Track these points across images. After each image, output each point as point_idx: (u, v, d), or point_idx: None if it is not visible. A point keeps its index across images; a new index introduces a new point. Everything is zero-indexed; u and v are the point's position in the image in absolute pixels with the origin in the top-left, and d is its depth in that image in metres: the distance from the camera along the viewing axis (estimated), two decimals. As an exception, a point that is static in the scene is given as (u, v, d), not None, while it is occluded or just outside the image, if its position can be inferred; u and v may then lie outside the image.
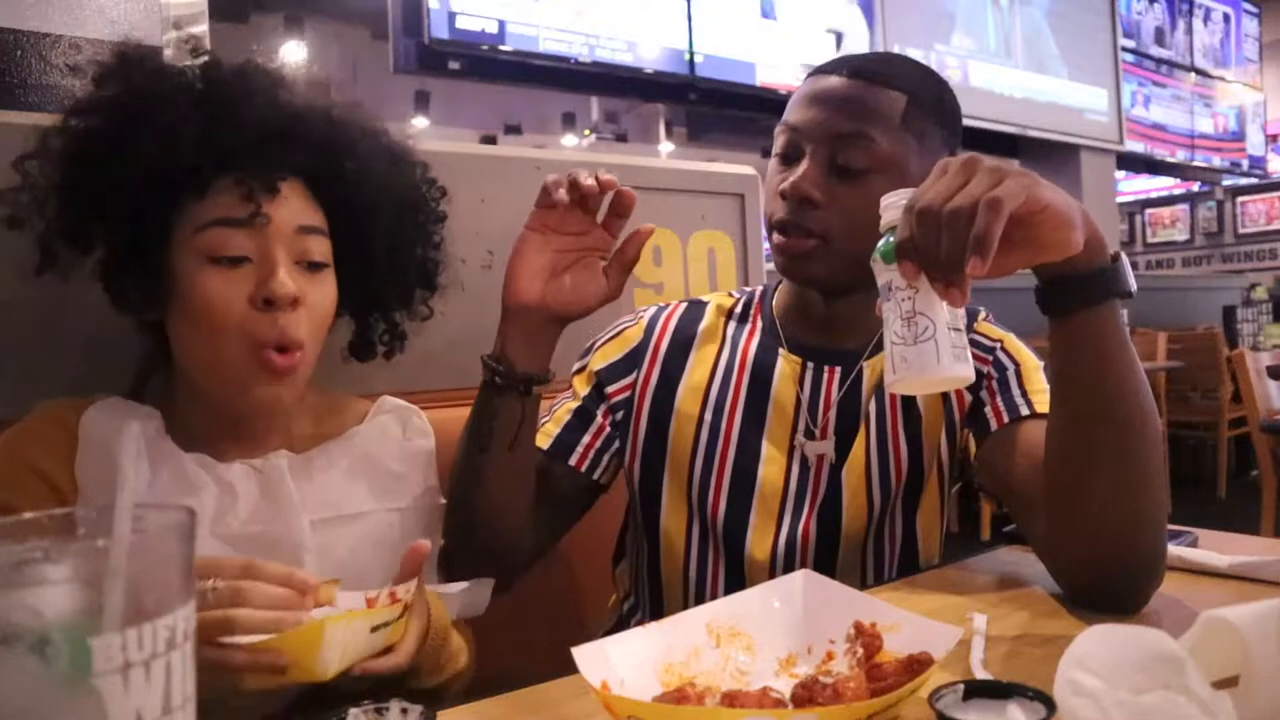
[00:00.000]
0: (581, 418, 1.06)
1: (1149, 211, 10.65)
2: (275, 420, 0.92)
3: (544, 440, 1.04)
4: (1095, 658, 0.51)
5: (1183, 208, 10.43)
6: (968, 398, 1.00)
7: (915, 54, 5.25)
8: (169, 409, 0.88)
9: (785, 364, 1.05)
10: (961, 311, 0.72)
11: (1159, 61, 7.04)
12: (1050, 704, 0.52)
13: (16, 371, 1.00)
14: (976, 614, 0.77)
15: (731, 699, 0.58)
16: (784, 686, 0.62)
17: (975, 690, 0.55)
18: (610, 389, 1.07)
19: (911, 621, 0.66)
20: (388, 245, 0.95)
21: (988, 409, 0.97)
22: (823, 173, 0.96)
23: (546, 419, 1.07)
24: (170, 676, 0.39)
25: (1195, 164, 7.54)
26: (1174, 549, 0.91)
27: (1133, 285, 0.77)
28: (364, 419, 0.99)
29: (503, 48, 3.73)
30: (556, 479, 1.03)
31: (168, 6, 1.18)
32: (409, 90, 7.65)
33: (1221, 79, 7.72)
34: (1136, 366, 0.78)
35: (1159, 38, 7.05)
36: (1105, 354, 0.77)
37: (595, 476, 1.06)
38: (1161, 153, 7.09)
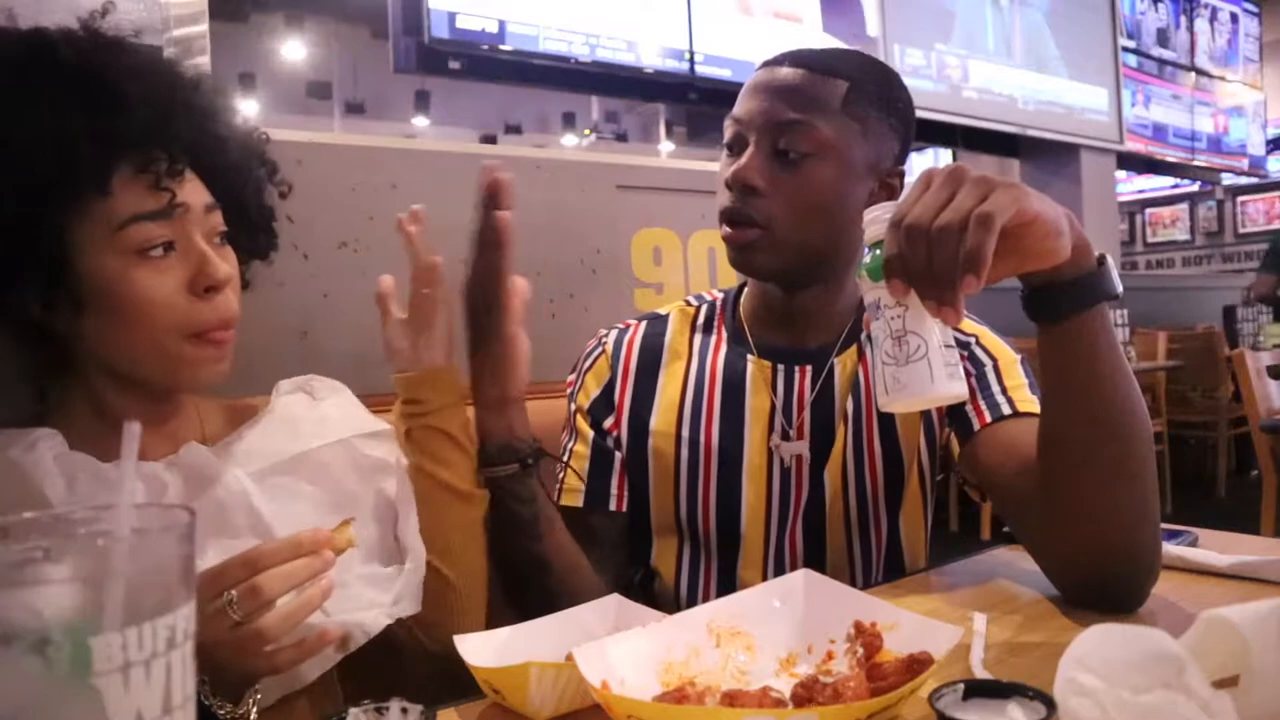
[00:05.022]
0: (600, 459, 1.05)
1: (1149, 211, 10.64)
2: (191, 410, 0.90)
3: (575, 497, 1.04)
4: (1095, 657, 0.51)
5: (1183, 207, 10.42)
6: None
7: (915, 54, 5.25)
8: (72, 420, 0.82)
9: (755, 369, 1.04)
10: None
11: (1161, 62, 7.04)
12: (1050, 704, 0.52)
13: None
14: (976, 614, 0.77)
15: (731, 699, 0.58)
16: (784, 686, 0.62)
17: (975, 690, 0.55)
18: (606, 424, 1.06)
19: (911, 621, 0.66)
20: (256, 197, 0.93)
21: (968, 408, 0.96)
22: (765, 160, 0.96)
23: (562, 473, 1.06)
24: (170, 676, 0.39)
25: (1195, 164, 7.54)
26: (1174, 549, 0.91)
27: (1119, 288, 0.76)
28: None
29: (503, 47, 3.72)
30: (601, 529, 1.02)
31: (168, 6, 1.18)
32: (409, 90, 7.65)
33: (1222, 79, 7.72)
34: (1126, 367, 0.78)
35: (1161, 38, 7.05)
36: (1096, 357, 0.76)
37: (629, 510, 1.06)
38: (1161, 152, 7.09)
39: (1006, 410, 0.93)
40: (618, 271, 1.52)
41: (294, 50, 7.71)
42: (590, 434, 1.06)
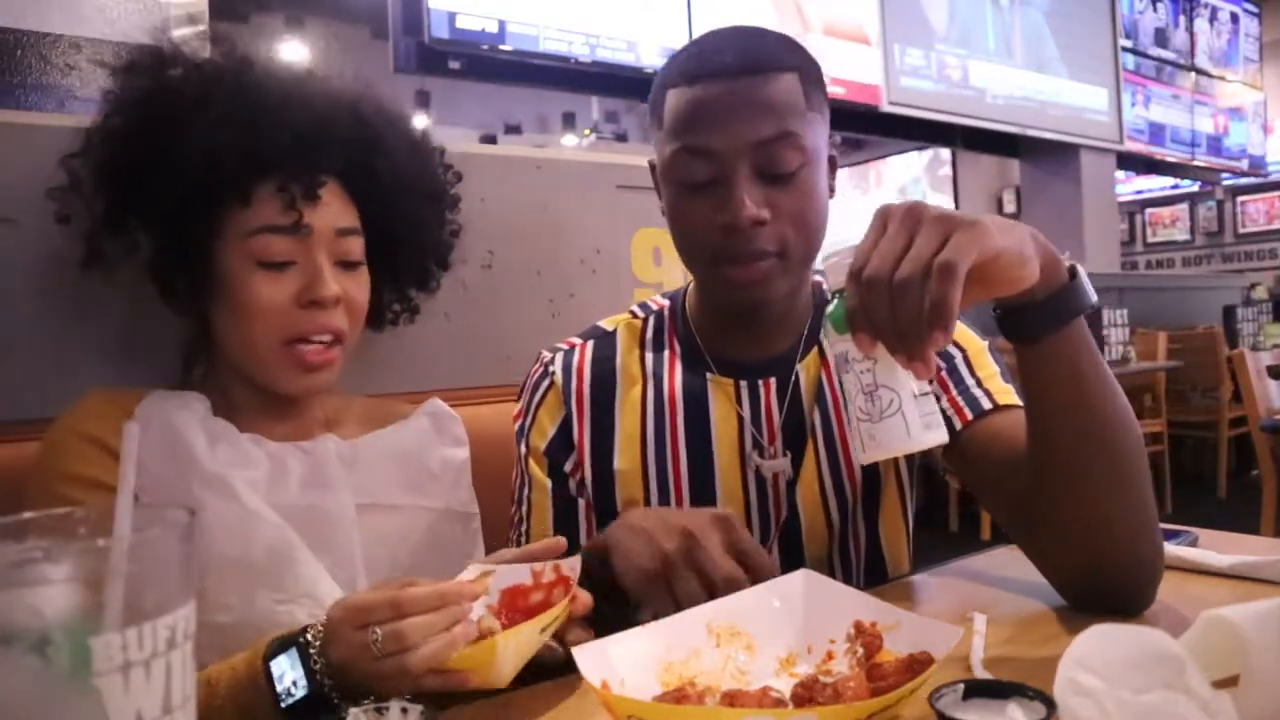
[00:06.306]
0: (563, 507, 0.99)
1: (1149, 211, 10.65)
2: (315, 404, 0.98)
3: None
4: (1095, 658, 0.51)
5: (1183, 207, 10.42)
6: None
7: (915, 54, 5.26)
8: (215, 392, 0.93)
9: (717, 387, 0.98)
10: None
11: (1160, 63, 7.04)
12: (1050, 704, 0.52)
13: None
14: (976, 614, 0.77)
15: (731, 699, 0.58)
16: (784, 686, 0.62)
17: (975, 690, 0.55)
18: (566, 468, 1.00)
19: (911, 621, 0.66)
20: (413, 230, 1.01)
21: (944, 402, 0.92)
22: (758, 187, 0.88)
23: (523, 523, 0.99)
24: (170, 676, 0.39)
25: (1195, 164, 7.54)
26: (1174, 549, 0.91)
27: (1093, 298, 0.74)
28: (410, 416, 1.04)
29: (503, 47, 3.73)
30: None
31: (168, 6, 1.18)
32: (409, 90, 7.65)
33: (1221, 79, 7.72)
34: (1110, 378, 0.76)
35: (1160, 38, 7.05)
36: (1078, 371, 0.74)
37: None
38: (1161, 152, 7.10)
39: (986, 405, 0.91)
40: (618, 271, 1.52)
41: (294, 50, 7.71)
42: (548, 483, 0.99)
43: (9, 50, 1.12)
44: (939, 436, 0.69)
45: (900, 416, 0.67)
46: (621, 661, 0.62)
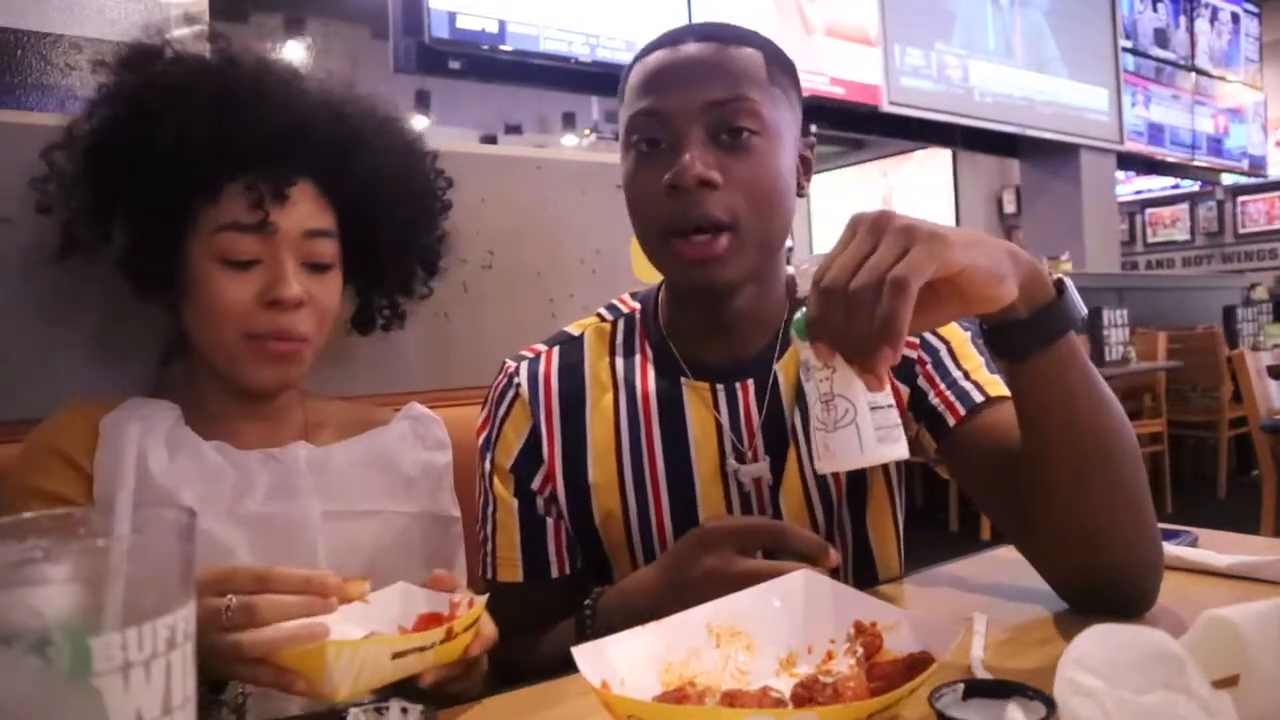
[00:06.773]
0: (531, 527, 0.96)
1: (1149, 211, 10.64)
2: (294, 408, 0.97)
3: (514, 572, 0.95)
4: (1095, 658, 0.51)
5: (1183, 207, 10.42)
6: (903, 389, 0.93)
7: (915, 54, 5.26)
8: (190, 396, 0.93)
9: (692, 393, 0.95)
10: None
11: (1160, 64, 7.05)
12: (1050, 704, 0.52)
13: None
14: (976, 614, 0.77)
15: (731, 699, 0.58)
16: (784, 686, 0.62)
17: (975, 690, 0.55)
18: (534, 485, 0.96)
19: (911, 621, 0.66)
20: (394, 235, 0.99)
21: (933, 398, 0.91)
22: (710, 150, 0.85)
23: (488, 542, 0.97)
24: (170, 676, 0.39)
25: (1195, 164, 7.54)
26: (1174, 549, 0.91)
27: (1083, 312, 0.73)
28: (389, 422, 1.02)
29: (503, 47, 3.73)
30: (550, 597, 0.94)
31: (168, 6, 1.18)
32: (409, 90, 7.65)
33: (1222, 79, 7.72)
34: (1103, 389, 0.74)
35: (1160, 39, 7.06)
36: (1069, 388, 0.73)
37: (580, 567, 0.98)
38: (1161, 152, 7.10)
39: (977, 398, 0.89)
40: (618, 271, 1.52)
41: (294, 50, 7.72)
42: (514, 503, 0.95)
43: (9, 50, 1.13)
44: (895, 451, 0.68)
45: (854, 428, 0.67)
46: (621, 661, 0.62)
